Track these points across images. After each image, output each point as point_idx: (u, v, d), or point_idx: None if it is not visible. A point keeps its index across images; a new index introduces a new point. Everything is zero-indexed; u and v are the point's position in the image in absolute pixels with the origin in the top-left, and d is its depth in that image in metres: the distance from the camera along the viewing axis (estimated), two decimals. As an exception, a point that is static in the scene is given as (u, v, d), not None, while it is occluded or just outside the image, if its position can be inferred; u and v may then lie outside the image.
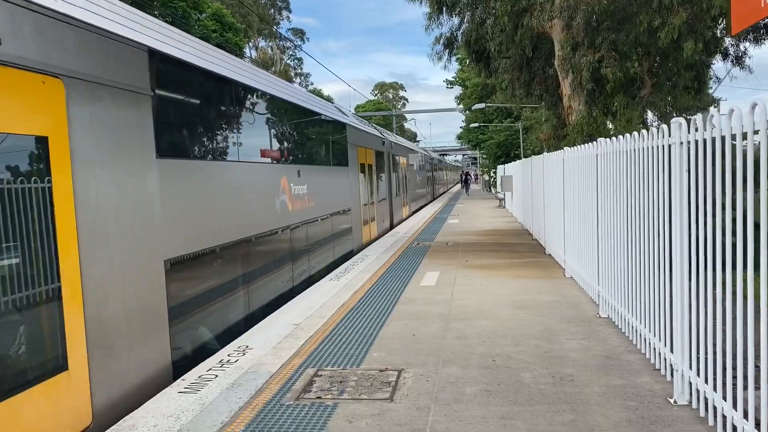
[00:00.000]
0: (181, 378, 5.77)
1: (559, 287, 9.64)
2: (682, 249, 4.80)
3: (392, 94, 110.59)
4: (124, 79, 5.73)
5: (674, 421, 4.52)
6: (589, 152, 8.15)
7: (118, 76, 5.65)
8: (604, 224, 7.42)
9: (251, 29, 48.02)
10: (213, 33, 33.05)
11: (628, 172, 6.28)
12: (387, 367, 5.95)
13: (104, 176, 5.37)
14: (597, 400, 4.96)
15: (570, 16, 14.59)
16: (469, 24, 17.78)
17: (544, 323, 7.45)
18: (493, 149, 44.46)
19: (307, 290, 10.17)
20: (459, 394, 5.18)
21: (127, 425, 4.68)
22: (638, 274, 6.03)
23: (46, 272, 4.59)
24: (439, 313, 8.12)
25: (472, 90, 47.90)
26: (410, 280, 10.61)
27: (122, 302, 5.50)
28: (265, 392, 5.35)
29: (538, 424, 4.56)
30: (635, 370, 5.64)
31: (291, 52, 71.62)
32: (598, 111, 15.40)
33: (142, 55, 6.08)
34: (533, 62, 17.90)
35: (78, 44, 5.10)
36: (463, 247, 15.03)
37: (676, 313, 4.93)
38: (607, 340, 6.65)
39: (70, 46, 5.00)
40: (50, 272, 4.62)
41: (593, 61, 14.41)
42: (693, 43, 13.09)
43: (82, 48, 5.16)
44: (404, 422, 4.65)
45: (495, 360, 6.09)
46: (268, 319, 8.15)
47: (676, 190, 4.88)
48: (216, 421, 4.74)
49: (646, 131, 5.75)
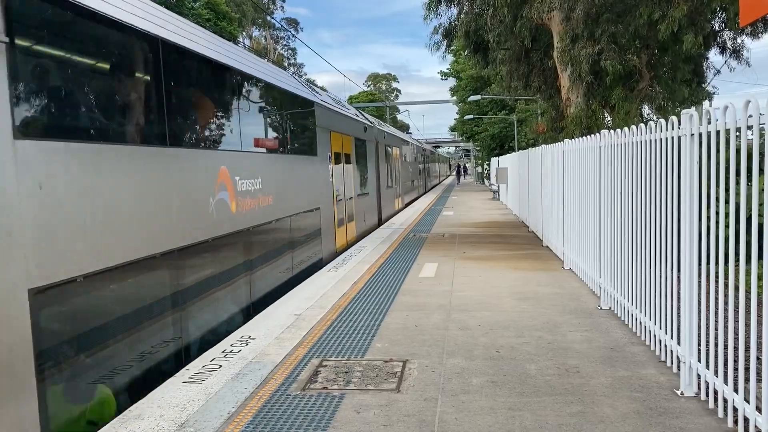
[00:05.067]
0: (185, 368, 5.72)
1: (558, 279, 9.64)
2: (691, 241, 4.79)
3: (385, 86, 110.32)
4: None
5: (682, 412, 4.52)
6: (593, 144, 8.13)
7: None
8: (608, 216, 7.41)
9: (245, 18, 47.69)
10: (207, 21, 32.79)
11: (635, 163, 6.26)
12: (391, 357, 5.93)
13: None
14: (604, 392, 4.95)
15: (570, 7, 14.54)
16: (468, 14, 17.69)
17: (545, 315, 7.45)
18: (488, 141, 44.44)
19: (307, 280, 10.13)
20: (465, 385, 5.16)
21: (133, 415, 4.64)
22: (644, 267, 6.03)
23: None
24: (440, 305, 8.10)
25: (467, 82, 47.83)
26: (409, 272, 10.58)
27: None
28: (270, 382, 5.32)
29: (546, 415, 4.55)
30: (640, 362, 5.64)
31: (284, 42, 71.27)
32: (597, 103, 15.39)
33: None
34: (532, 54, 17.86)
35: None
36: (460, 239, 15.02)
37: (684, 306, 4.93)
38: (610, 331, 6.66)
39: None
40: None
41: (592, 54, 14.38)
42: (693, 36, 13.08)
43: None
44: (412, 413, 4.63)
45: (499, 351, 6.07)
46: (268, 309, 8.11)
47: (686, 182, 4.86)
48: (223, 411, 4.70)
49: (644, 124, 5.74)
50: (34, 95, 4.59)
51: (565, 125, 16.05)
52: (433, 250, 13.10)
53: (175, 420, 4.55)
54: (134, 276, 5.66)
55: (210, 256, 7.32)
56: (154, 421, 4.54)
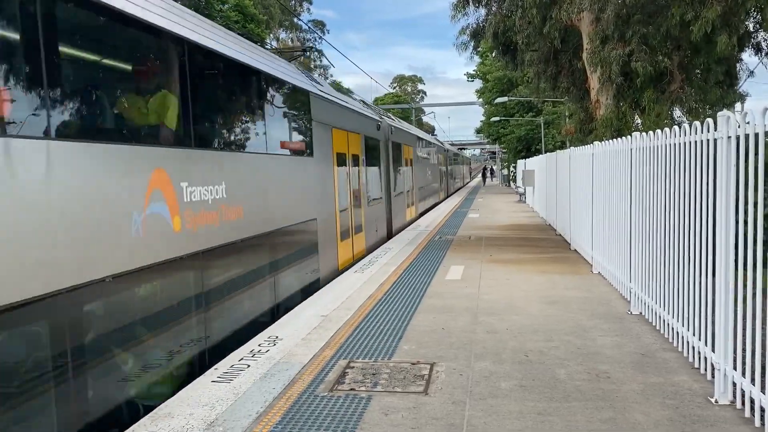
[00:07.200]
0: (214, 367, 5.76)
1: (587, 283, 9.52)
2: (727, 245, 4.69)
3: (411, 88, 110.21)
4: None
5: (717, 420, 4.42)
6: (623, 146, 8.02)
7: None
8: (639, 220, 7.30)
9: (273, 20, 48.05)
10: (235, 24, 33.10)
11: (668, 167, 6.15)
12: (419, 360, 5.90)
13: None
14: (635, 398, 4.87)
15: (600, 8, 14.36)
16: (497, 15, 17.59)
17: (574, 319, 7.36)
18: (514, 143, 44.10)
19: (333, 281, 10.14)
20: (494, 389, 5.12)
21: (163, 413, 4.69)
22: (677, 272, 5.92)
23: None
24: (467, 307, 8.05)
25: (494, 84, 47.55)
26: (435, 274, 10.54)
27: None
28: (298, 383, 5.33)
29: (576, 421, 4.49)
30: (672, 368, 5.54)
31: (311, 43, 71.64)
32: (627, 105, 15.18)
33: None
34: (560, 55, 17.67)
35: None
36: (486, 242, 14.93)
37: (719, 312, 4.83)
38: (641, 337, 6.55)
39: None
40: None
41: (623, 55, 14.18)
42: (727, 37, 12.82)
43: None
44: (440, 416, 4.60)
45: (528, 355, 6.01)
46: (295, 309, 8.13)
47: (722, 186, 4.76)
48: (251, 411, 4.73)
49: (678, 127, 5.64)
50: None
51: (594, 127, 15.85)
52: (459, 253, 13.03)
53: (204, 419, 4.59)
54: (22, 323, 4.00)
55: (126, 297, 5.21)
56: (183, 419, 4.58)
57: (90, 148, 4.78)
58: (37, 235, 4.10)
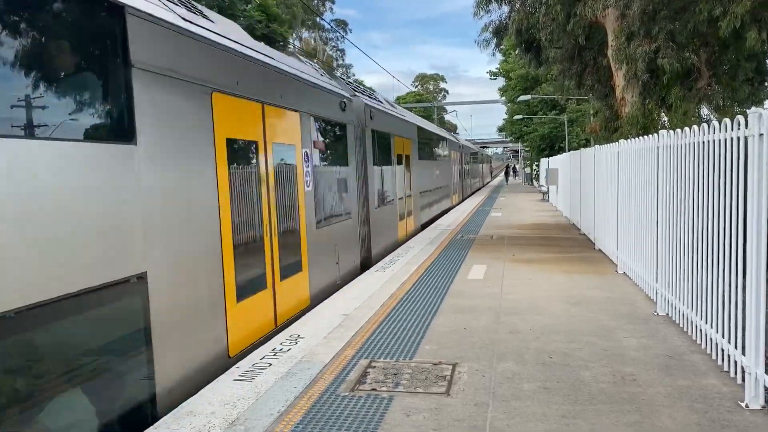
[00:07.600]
0: (235, 366, 5.77)
1: (611, 283, 9.38)
2: (759, 245, 4.57)
3: (433, 86, 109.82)
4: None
5: (748, 426, 4.31)
6: (650, 144, 7.87)
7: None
8: (666, 219, 7.16)
9: (296, 20, 48.22)
10: (258, 24, 33.27)
11: (696, 165, 6.02)
12: (440, 360, 5.85)
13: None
14: (662, 402, 4.77)
15: (625, 5, 14.15)
16: (520, 12, 17.44)
17: (598, 320, 7.25)
18: (537, 142, 43.72)
19: (355, 280, 10.13)
20: (517, 391, 5.05)
21: (185, 411, 4.70)
22: (705, 272, 5.79)
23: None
24: (489, 307, 7.98)
25: (516, 81, 47.19)
26: (457, 273, 10.47)
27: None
28: (319, 382, 5.32)
29: (601, 424, 4.40)
30: (700, 371, 5.42)
31: (333, 43, 71.81)
32: (653, 103, 14.94)
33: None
34: (585, 52, 17.47)
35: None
36: (508, 241, 14.81)
37: (750, 314, 4.70)
38: (668, 339, 6.42)
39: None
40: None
41: (649, 52, 13.96)
42: (756, 33, 12.54)
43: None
44: (462, 418, 4.55)
45: (551, 357, 5.93)
46: (317, 308, 8.13)
47: (753, 184, 4.64)
48: (273, 410, 4.72)
49: (707, 124, 5.51)
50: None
51: (619, 125, 15.65)
52: (482, 252, 12.94)
53: (225, 417, 4.59)
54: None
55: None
56: (205, 418, 4.58)
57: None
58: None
